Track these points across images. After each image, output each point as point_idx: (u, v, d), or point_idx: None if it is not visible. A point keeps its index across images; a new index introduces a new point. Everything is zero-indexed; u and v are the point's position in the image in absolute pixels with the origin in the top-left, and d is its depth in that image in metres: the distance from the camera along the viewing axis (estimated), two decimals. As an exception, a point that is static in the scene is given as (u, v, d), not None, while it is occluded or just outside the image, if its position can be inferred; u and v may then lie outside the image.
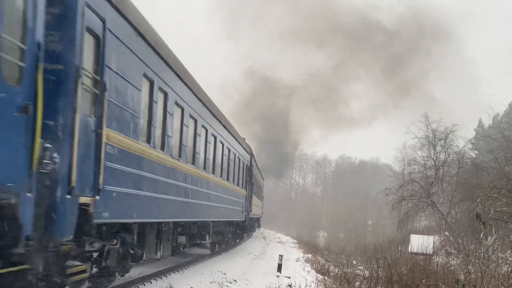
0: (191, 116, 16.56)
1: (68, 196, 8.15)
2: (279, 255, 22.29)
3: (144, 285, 14.20)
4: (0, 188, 6.56)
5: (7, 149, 6.68)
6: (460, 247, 35.44)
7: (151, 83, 12.55)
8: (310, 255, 34.54)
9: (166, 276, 16.19)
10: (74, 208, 8.45)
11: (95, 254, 10.04)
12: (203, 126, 18.42)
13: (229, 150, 24.39)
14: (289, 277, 20.04)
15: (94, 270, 10.04)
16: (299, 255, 32.91)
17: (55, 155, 7.75)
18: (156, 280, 15.16)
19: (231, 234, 30.58)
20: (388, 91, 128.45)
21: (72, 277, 8.69)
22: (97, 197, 9.27)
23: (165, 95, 13.76)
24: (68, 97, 8.28)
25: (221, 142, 22.08)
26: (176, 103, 14.81)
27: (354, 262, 35.75)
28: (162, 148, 13.58)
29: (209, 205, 19.77)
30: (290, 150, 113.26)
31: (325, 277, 23.34)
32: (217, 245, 26.36)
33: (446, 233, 42.76)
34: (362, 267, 30.25)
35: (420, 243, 36.50)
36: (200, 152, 17.98)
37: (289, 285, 17.75)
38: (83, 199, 8.78)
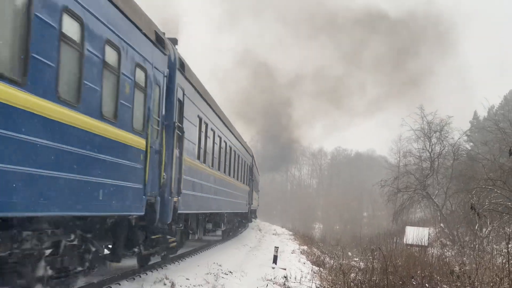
0: (218, 135, 22.56)
1: (170, 197, 13.85)
2: (275, 246, 22.31)
3: (140, 276, 14.21)
4: (150, 194, 12.28)
5: (153, 173, 12.38)
6: (455, 239, 35.57)
7: (200, 119, 18.35)
8: (305, 247, 34.59)
9: (162, 268, 16.21)
10: (171, 204, 14.02)
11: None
12: (224, 141, 24.63)
13: (239, 156, 30.77)
14: (285, 269, 20.07)
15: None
16: (295, 247, 32.96)
17: (164, 174, 13.34)
18: (152, 272, 15.17)
19: (238, 223, 36.73)
20: (391, 82, 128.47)
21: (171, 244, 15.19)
22: (179, 198, 14.99)
23: (206, 125, 19.61)
24: (171, 139, 13.97)
25: (234, 151, 28.27)
26: (211, 129, 20.73)
27: (350, 253, 35.85)
28: (204, 161, 19.29)
29: (226, 200, 25.56)
30: (288, 141, 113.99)
31: (321, 268, 23.38)
32: (228, 232, 31.71)
33: (441, 224, 42.91)
34: (357, 259, 30.34)
35: (415, 234, 36.60)
36: (222, 160, 23.94)
37: (285, 277, 17.78)
38: (175, 199, 14.50)
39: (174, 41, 15.39)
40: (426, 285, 15.74)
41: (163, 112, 13.48)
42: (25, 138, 6.93)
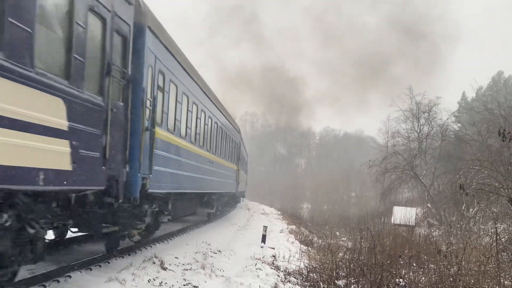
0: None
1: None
2: (264, 226, 22.37)
3: (129, 255, 14.22)
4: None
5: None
6: (442, 219, 35.83)
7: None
8: (294, 227, 34.73)
9: (151, 247, 16.23)
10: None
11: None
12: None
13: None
14: (273, 248, 20.16)
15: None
16: (283, 227, 33.08)
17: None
18: (141, 250, 15.19)
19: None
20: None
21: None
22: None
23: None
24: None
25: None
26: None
27: (338, 233, 36.05)
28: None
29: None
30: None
31: (309, 248, 23.51)
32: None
33: (429, 205, 43.18)
34: (345, 238, 30.52)
35: (402, 214, 36.87)
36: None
37: (273, 256, 17.87)
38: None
39: None
40: (414, 264, 15.88)
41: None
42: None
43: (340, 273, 14.97)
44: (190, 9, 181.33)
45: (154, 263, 12.91)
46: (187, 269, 13.28)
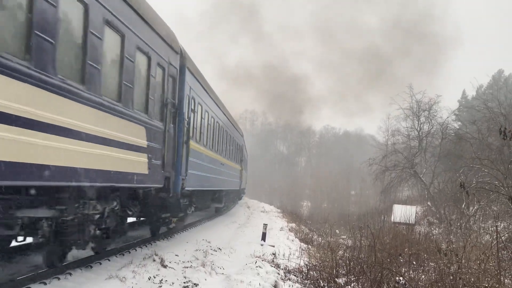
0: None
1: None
2: (264, 224, 22.36)
3: (129, 252, 14.23)
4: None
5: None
6: (442, 217, 35.84)
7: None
8: (294, 225, 34.76)
9: (151, 244, 16.24)
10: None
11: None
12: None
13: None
14: (273, 246, 20.17)
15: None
16: (283, 224, 33.10)
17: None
18: (141, 248, 15.20)
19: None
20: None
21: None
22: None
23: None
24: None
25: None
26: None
27: (337, 231, 36.08)
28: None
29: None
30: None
31: (309, 246, 23.54)
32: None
33: (429, 203, 43.21)
34: (345, 237, 30.56)
35: (402, 213, 36.90)
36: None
37: (273, 254, 17.88)
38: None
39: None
40: (414, 262, 15.89)
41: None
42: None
43: (340, 271, 14.99)
44: (191, 4, 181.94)
45: (154, 260, 12.91)
46: (187, 267, 13.28)
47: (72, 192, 9.56)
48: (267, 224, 22.61)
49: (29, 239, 10.56)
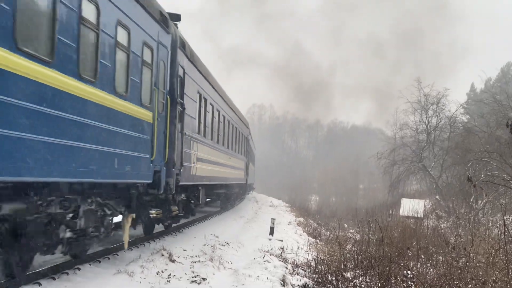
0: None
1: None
2: (272, 218, 22.37)
3: (138, 247, 14.30)
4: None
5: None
6: (451, 211, 35.72)
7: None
8: (302, 219, 34.78)
9: (159, 239, 16.30)
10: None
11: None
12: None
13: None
14: (281, 240, 20.18)
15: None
16: (291, 219, 33.12)
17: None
18: (149, 243, 15.27)
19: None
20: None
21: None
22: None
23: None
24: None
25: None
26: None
27: (346, 225, 36.08)
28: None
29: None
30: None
31: (317, 240, 23.56)
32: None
33: (437, 197, 43.10)
34: (353, 231, 30.53)
35: (411, 206, 36.80)
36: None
37: (281, 248, 17.90)
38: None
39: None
40: (422, 256, 15.88)
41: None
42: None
43: (348, 265, 14.99)
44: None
45: (162, 255, 12.96)
46: (195, 261, 13.32)
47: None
48: (275, 219, 22.62)
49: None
